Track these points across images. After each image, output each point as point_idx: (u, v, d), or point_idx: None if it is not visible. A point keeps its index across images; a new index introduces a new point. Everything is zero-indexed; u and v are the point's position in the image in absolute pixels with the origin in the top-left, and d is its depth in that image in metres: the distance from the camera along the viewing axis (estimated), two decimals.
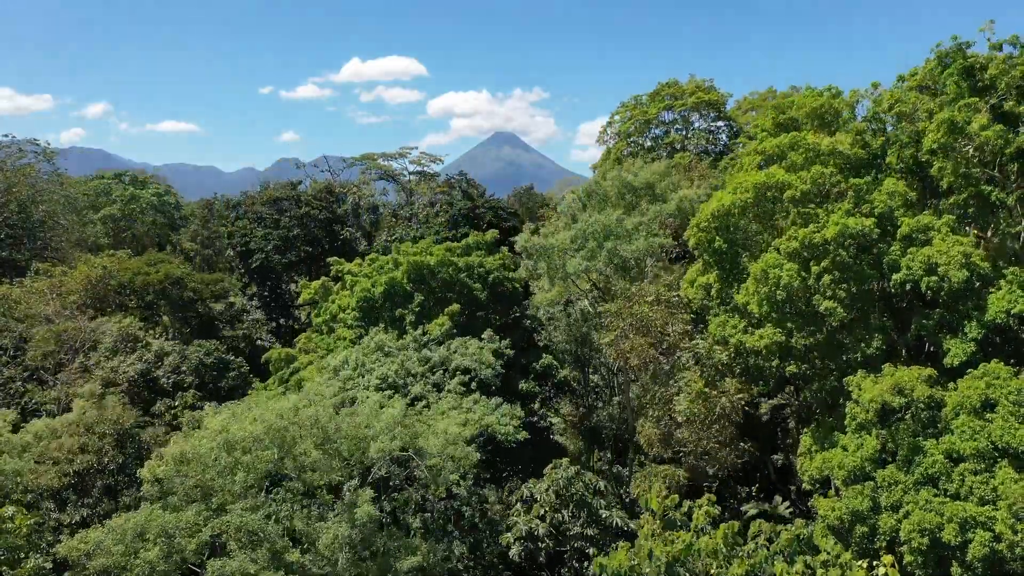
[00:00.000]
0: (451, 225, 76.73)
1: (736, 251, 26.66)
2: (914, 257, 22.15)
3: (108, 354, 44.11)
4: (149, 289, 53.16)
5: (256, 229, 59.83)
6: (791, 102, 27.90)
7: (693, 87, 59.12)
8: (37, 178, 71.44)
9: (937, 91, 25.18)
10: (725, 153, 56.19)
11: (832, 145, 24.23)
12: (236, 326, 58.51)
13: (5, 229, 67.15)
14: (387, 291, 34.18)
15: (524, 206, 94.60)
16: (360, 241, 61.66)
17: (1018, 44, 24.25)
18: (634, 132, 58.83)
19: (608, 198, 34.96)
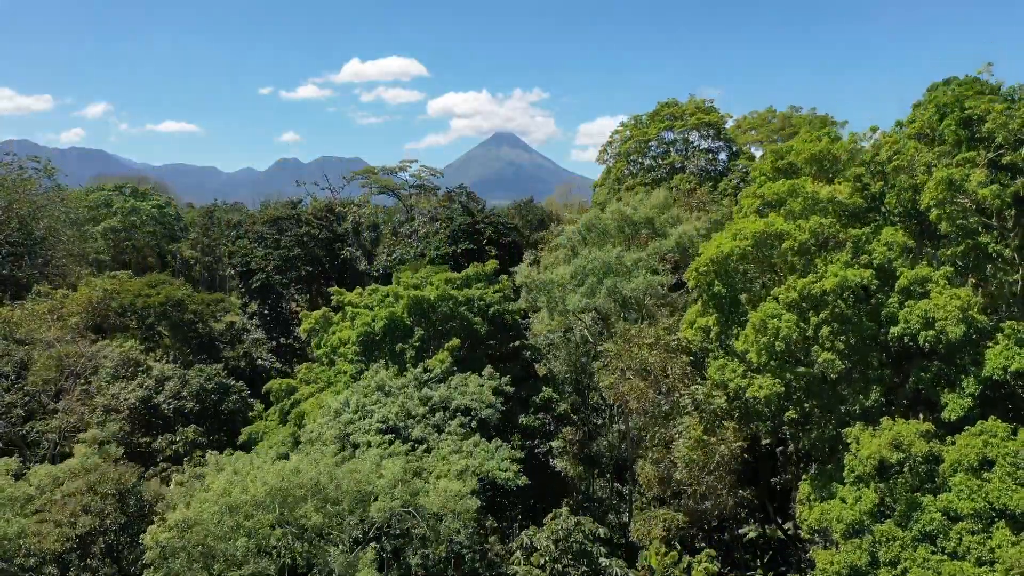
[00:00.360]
0: (451, 240, 76.91)
1: (735, 295, 26.77)
2: (912, 310, 22.26)
3: (109, 379, 44.27)
4: (150, 311, 53.28)
5: (256, 249, 59.92)
6: (790, 147, 27.96)
7: (693, 107, 59.24)
8: (37, 193, 71.49)
9: (935, 139, 25.27)
10: (724, 174, 56.34)
11: (831, 194, 24.34)
12: (236, 346, 58.64)
13: (6, 247, 67.20)
14: (387, 325, 34.29)
15: (524, 218, 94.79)
16: (360, 260, 61.76)
17: (1017, 96, 24.36)
18: (634, 152, 58.93)
19: (608, 232, 35.04)
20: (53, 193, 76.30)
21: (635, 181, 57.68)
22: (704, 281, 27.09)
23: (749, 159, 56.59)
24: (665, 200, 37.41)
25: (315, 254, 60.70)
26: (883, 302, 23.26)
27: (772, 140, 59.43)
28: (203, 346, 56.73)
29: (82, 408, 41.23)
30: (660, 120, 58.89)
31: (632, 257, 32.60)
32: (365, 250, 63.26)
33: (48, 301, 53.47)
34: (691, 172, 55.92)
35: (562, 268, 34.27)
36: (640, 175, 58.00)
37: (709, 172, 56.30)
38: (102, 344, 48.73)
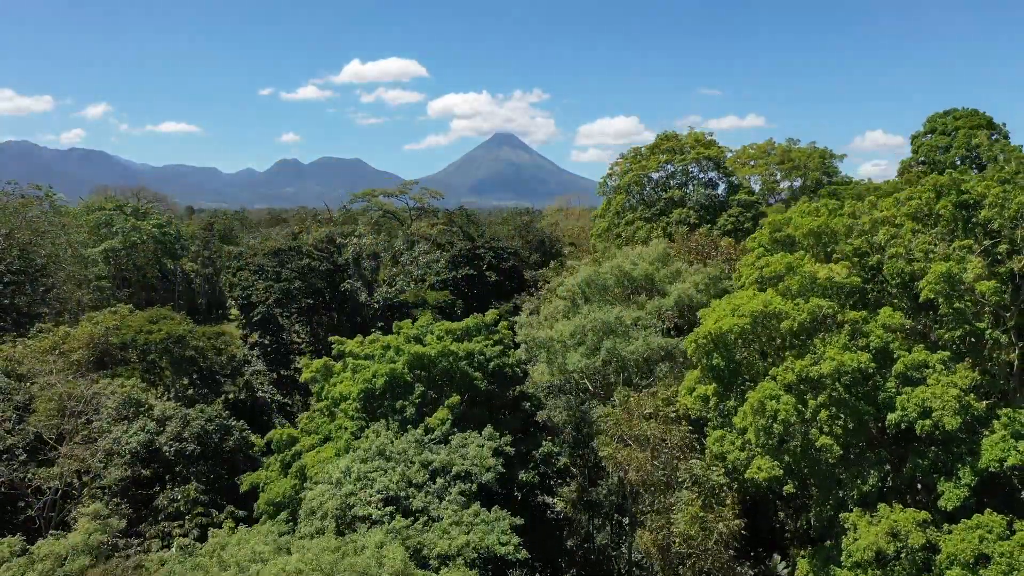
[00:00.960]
0: (451, 266, 77.28)
1: (734, 368, 26.94)
2: (909, 398, 22.44)
3: (111, 420, 44.49)
4: (152, 347, 53.47)
5: (257, 281, 60.09)
6: (788, 219, 28.12)
7: (692, 140, 59.50)
8: (39, 219, 71.62)
9: (933, 217, 25.43)
10: (724, 207, 56.58)
11: (828, 274, 24.49)
12: (237, 379, 58.89)
13: (7, 275, 67.37)
14: (388, 382, 34.49)
15: (523, 239, 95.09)
16: (361, 291, 61.93)
17: (1013, 181, 24.53)
18: (634, 185, 59.14)
19: (608, 287, 35.23)
20: (54, 217, 76.51)
21: (635, 216, 57.96)
22: (703, 351, 27.26)
23: (748, 193, 56.87)
24: (664, 252, 37.55)
25: (316, 286, 60.89)
26: (881, 385, 23.44)
27: (771, 174, 59.66)
28: (204, 379, 56.97)
29: (85, 452, 41.44)
30: (659, 153, 59.13)
31: (631, 316, 32.76)
32: (366, 280, 63.44)
33: (50, 337, 53.65)
34: (690, 207, 56.13)
35: (561, 324, 34.43)
36: (640, 209, 58.25)
37: (709, 206, 56.50)
38: (104, 382, 48.95)
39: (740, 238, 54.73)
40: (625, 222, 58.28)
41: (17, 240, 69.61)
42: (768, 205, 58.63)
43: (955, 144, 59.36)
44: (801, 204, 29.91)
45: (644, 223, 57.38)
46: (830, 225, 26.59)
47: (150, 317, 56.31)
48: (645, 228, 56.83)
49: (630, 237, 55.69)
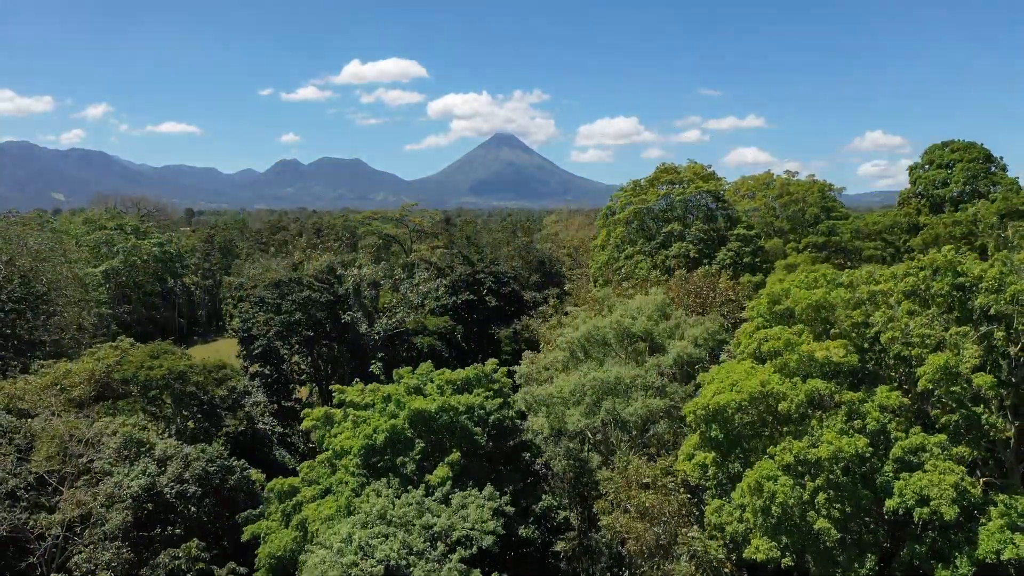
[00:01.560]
0: (452, 291, 77.51)
1: (733, 440, 27.13)
2: (907, 484, 22.62)
3: (112, 461, 44.73)
4: (153, 383, 53.60)
5: (258, 314, 60.24)
6: (787, 290, 28.27)
7: (691, 173, 59.71)
8: (40, 245, 71.77)
9: (929, 296, 25.59)
10: (723, 241, 56.79)
11: (826, 355, 24.66)
12: (237, 412, 59.03)
13: (9, 303, 67.51)
14: (389, 438, 34.68)
15: (524, 259, 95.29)
16: (361, 322, 62.07)
17: (1009, 262, 24.71)
18: (634, 219, 59.33)
19: (607, 341, 35.43)
20: (55, 244, 76.64)
21: (635, 250, 58.17)
22: (701, 421, 27.46)
23: (747, 228, 57.07)
24: (663, 303, 37.73)
25: (316, 317, 61.03)
26: (878, 468, 23.62)
27: (770, 208, 59.84)
28: (205, 414, 57.09)
29: (86, 496, 41.63)
30: (659, 186, 59.34)
31: (631, 374, 32.95)
32: (366, 311, 63.59)
33: (51, 373, 53.83)
34: (690, 241, 56.31)
35: (561, 379, 34.62)
36: (640, 243, 58.44)
37: (708, 240, 56.68)
38: (106, 420, 49.19)
39: (740, 272, 55.04)
40: (625, 255, 58.50)
41: (18, 267, 69.82)
42: (768, 239, 58.84)
43: (953, 178, 59.59)
44: (800, 272, 30.06)
45: (644, 257, 57.59)
46: (829, 299, 26.76)
47: (151, 352, 56.43)
48: (645, 262, 57.05)
49: (630, 272, 55.90)
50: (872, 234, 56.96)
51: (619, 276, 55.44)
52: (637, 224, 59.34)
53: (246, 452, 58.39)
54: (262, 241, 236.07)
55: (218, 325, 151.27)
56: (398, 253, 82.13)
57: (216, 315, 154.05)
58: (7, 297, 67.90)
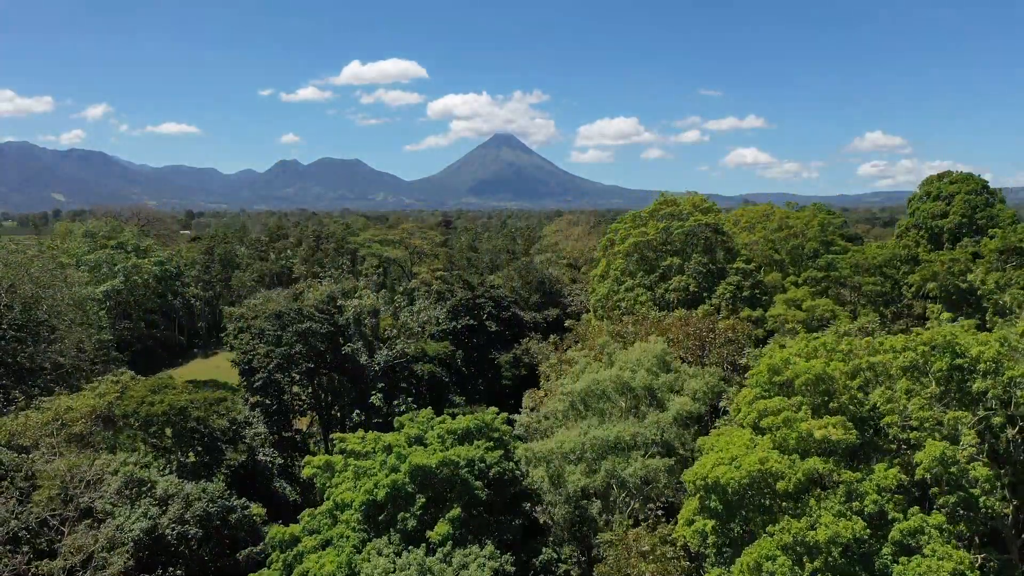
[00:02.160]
0: (452, 316, 77.66)
1: (732, 510, 27.28)
2: (906, 569, 22.76)
3: (114, 500, 44.96)
4: (154, 419, 53.75)
5: (259, 345, 60.37)
6: (785, 360, 28.40)
7: (691, 206, 59.86)
8: (41, 272, 71.82)
9: (927, 373, 25.74)
10: (723, 275, 56.94)
11: (824, 434, 24.80)
12: (238, 445, 59.21)
13: (10, 331, 67.57)
14: (390, 493, 34.86)
15: (523, 279, 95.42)
16: (362, 352, 62.20)
17: (1006, 342, 24.87)
18: (634, 252, 59.47)
19: (607, 394, 35.59)
20: (55, 268, 76.65)
21: (635, 283, 58.33)
22: (700, 490, 27.61)
23: (746, 261, 57.22)
24: (662, 353, 37.89)
25: (317, 348, 61.17)
26: (877, 551, 23.77)
27: (770, 241, 59.96)
28: (206, 447, 57.23)
29: (87, 539, 41.80)
30: (658, 219, 59.47)
31: (631, 431, 33.11)
32: (366, 341, 63.74)
33: (52, 409, 53.92)
34: (689, 275, 56.47)
35: (561, 434, 34.79)
36: (639, 276, 58.59)
37: (707, 273, 56.82)
38: (107, 458, 49.36)
39: (739, 306, 55.21)
40: (625, 288, 58.65)
41: (19, 295, 69.91)
42: (767, 272, 58.98)
43: (952, 210, 59.79)
44: (800, 340, 30.18)
45: (644, 290, 57.74)
46: (828, 372, 26.89)
47: (152, 386, 56.57)
48: (645, 295, 57.21)
49: (631, 306, 56.09)
50: (871, 268, 57.09)
51: (619, 311, 55.59)
52: (637, 256, 59.46)
53: (246, 484, 58.62)
54: (262, 250, 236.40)
55: (218, 337, 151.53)
56: (399, 275, 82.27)
57: (216, 327, 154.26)
58: (8, 324, 68.02)
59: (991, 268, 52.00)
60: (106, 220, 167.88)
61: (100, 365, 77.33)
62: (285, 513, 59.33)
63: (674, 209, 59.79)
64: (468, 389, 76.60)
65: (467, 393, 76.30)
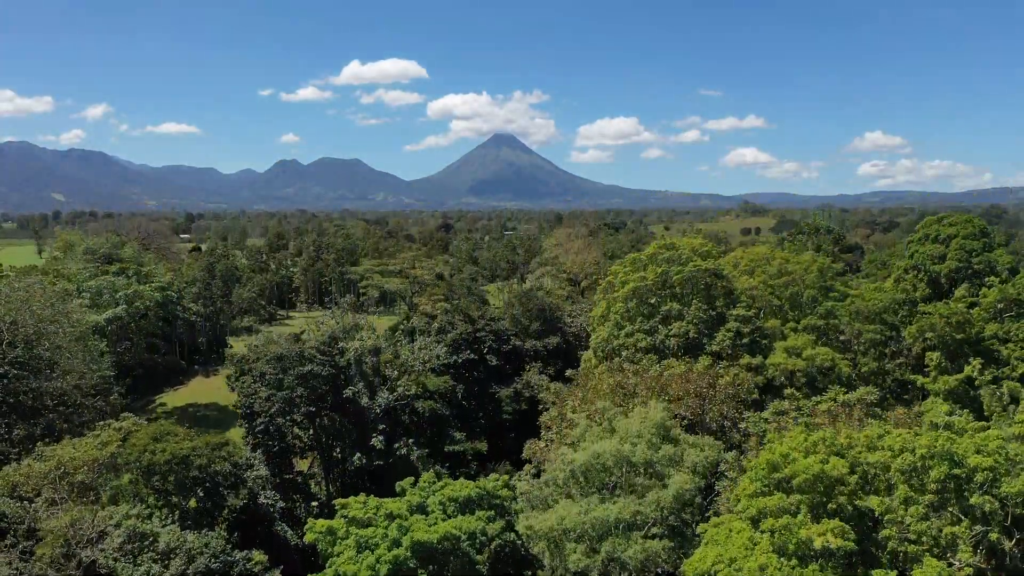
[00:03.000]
0: (453, 350, 77.95)
1: None
2: None
3: (116, 556, 45.33)
4: (156, 468, 54.00)
5: (260, 389, 60.65)
6: (785, 455, 28.62)
7: (690, 251, 60.16)
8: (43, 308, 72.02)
9: (926, 472, 25.98)
10: (722, 320, 57.21)
11: (823, 542, 25.04)
12: (240, 491, 59.47)
13: (12, 371, 67.82)
14: (392, 570, 35.16)
15: (524, 306, 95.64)
16: (363, 394, 62.47)
17: (1004, 452, 25.09)
18: (633, 297, 59.73)
19: (608, 468, 35.88)
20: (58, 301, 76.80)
21: (634, 328, 58.60)
22: None
23: (746, 308, 57.48)
24: (662, 421, 38.18)
25: (318, 391, 61.46)
26: None
27: (768, 286, 60.24)
28: (207, 492, 57.46)
29: None
30: (657, 264, 59.73)
31: (631, 510, 33.40)
32: (367, 381, 63.98)
33: (54, 459, 54.18)
34: (689, 321, 56.74)
35: (562, 509, 35.08)
36: (639, 320, 58.86)
37: (707, 320, 57.09)
38: (110, 510, 49.77)
39: (739, 353, 55.51)
40: (625, 333, 58.94)
41: (21, 333, 70.19)
42: (767, 318, 59.26)
43: (950, 254, 60.11)
44: (798, 433, 30.41)
45: (644, 336, 58.05)
46: (827, 471, 27.13)
47: (154, 433, 56.77)
48: (645, 341, 57.56)
49: (632, 355, 56.46)
50: (871, 315, 57.34)
51: (620, 359, 55.91)
52: (636, 301, 59.74)
53: (247, 528, 58.89)
54: (262, 261, 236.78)
55: (219, 352, 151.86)
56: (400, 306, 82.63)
57: (218, 342, 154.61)
58: (11, 362, 68.31)
59: (989, 319, 52.28)
60: (107, 236, 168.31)
61: (101, 399, 77.67)
62: (286, 557, 59.70)
63: (673, 253, 60.07)
64: (469, 423, 76.94)
65: (468, 428, 76.63)
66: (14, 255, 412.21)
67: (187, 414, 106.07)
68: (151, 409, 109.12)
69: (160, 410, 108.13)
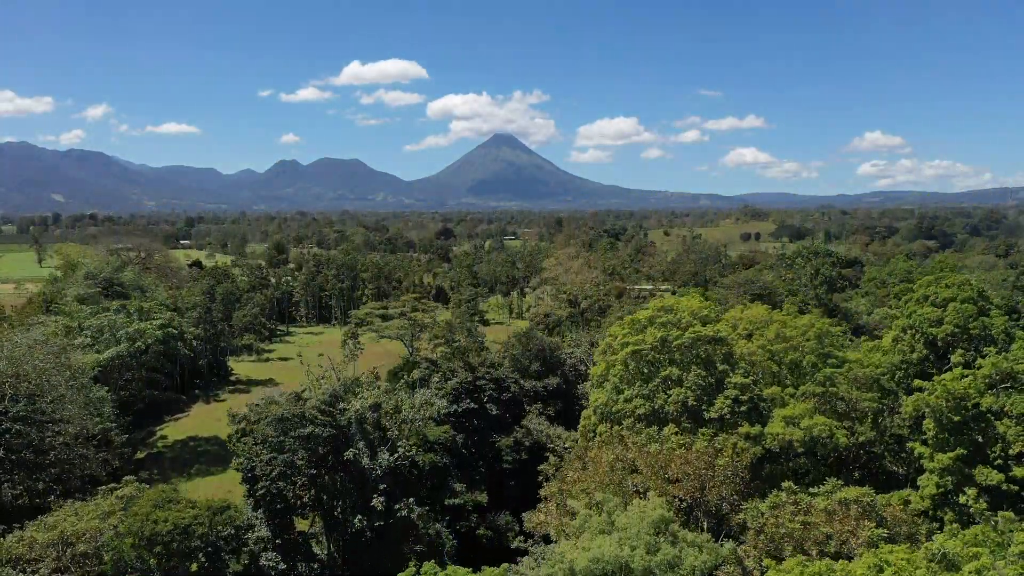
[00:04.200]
0: (453, 398, 78.32)
1: None
2: None
3: None
4: (158, 538, 54.35)
5: (262, 452, 60.93)
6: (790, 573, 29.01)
7: (689, 315, 60.47)
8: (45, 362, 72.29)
9: None
10: (721, 386, 57.55)
11: None
12: (240, 555, 59.90)
13: (14, 427, 68.15)
14: None
15: (524, 347, 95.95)
16: (363, 454, 62.74)
17: None
18: (631, 361, 60.08)
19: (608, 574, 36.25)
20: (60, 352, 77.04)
21: (632, 392, 58.96)
22: None
23: (744, 375, 57.83)
24: (660, 519, 38.56)
25: (320, 453, 61.76)
26: None
27: (767, 351, 60.60)
28: (208, 556, 57.85)
29: None
30: (656, 328, 60.03)
31: None
32: (368, 440, 64.27)
33: (56, 529, 54.54)
34: (688, 387, 57.09)
35: None
36: (638, 385, 59.21)
37: (705, 387, 57.43)
38: None
39: (738, 422, 55.88)
40: (624, 398, 59.31)
41: (23, 389, 70.53)
42: (766, 383, 59.64)
43: (946, 319, 60.50)
44: (795, 563, 30.79)
45: (643, 401, 58.44)
46: None
47: (155, 500, 57.18)
48: (644, 407, 57.94)
49: (631, 424, 56.86)
50: (869, 382, 57.74)
51: (620, 428, 56.35)
52: (634, 365, 60.10)
53: None
54: (262, 276, 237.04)
55: (220, 375, 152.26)
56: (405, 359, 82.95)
57: (218, 364, 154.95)
58: (12, 417, 68.64)
59: (984, 389, 52.62)
60: (107, 260, 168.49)
61: (104, 449, 78.03)
62: None
63: (672, 317, 60.37)
64: (469, 472, 77.29)
65: (468, 477, 77.01)
66: (14, 264, 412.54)
67: (188, 448, 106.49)
68: (152, 443, 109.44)
69: (161, 443, 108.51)
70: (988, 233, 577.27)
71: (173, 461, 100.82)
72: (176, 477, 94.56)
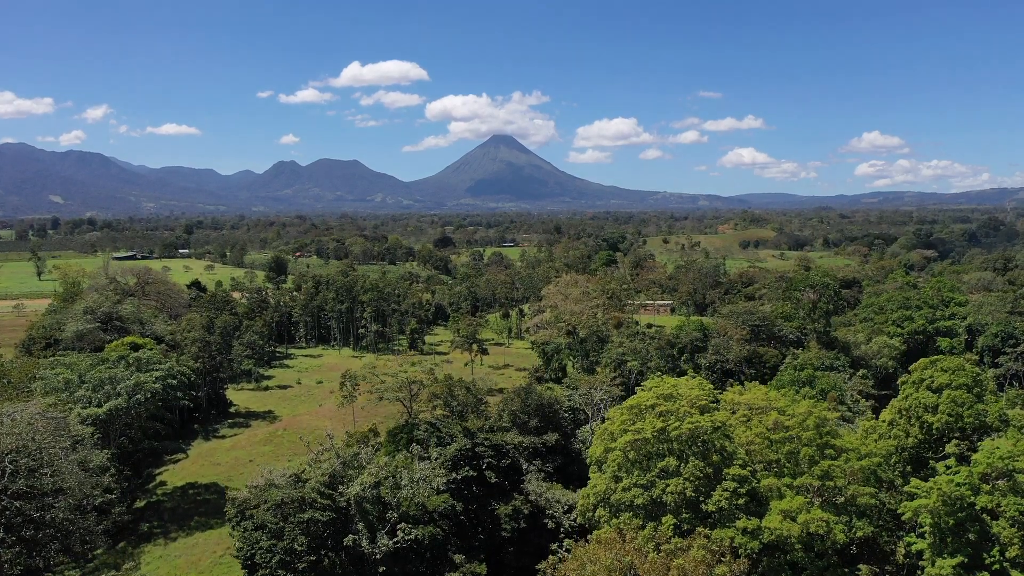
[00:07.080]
0: (452, 466, 78.55)
1: None
2: None
3: None
4: None
5: (261, 539, 61.20)
6: None
7: (688, 404, 60.79)
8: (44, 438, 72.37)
9: None
10: (719, 478, 57.87)
11: None
12: None
13: (14, 504, 68.30)
14: None
15: (524, 402, 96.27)
16: (363, 536, 63.04)
17: None
18: (631, 449, 60.38)
19: None
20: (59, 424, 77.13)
21: (630, 481, 59.29)
22: None
23: (742, 466, 58.16)
24: None
25: (320, 537, 62.02)
26: None
27: (765, 440, 60.92)
28: None
29: None
30: (655, 417, 60.33)
31: None
32: (368, 521, 64.55)
33: None
34: (686, 479, 57.40)
35: None
36: (636, 474, 59.52)
37: (703, 478, 57.73)
38: None
39: (736, 515, 56.22)
40: (622, 488, 59.62)
41: (23, 465, 70.66)
42: (764, 474, 59.97)
43: (941, 406, 60.98)
44: None
45: (641, 491, 58.76)
46: None
47: None
48: (642, 497, 58.29)
49: (628, 520, 57.17)
50: (866, 476, 58.10)
51: (617, 521, 56.69)
52: (634, 454, 60.40)
53: None
54: (262, 298, 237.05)
55: (219, 409, 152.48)
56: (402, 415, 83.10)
57: (217, 396, 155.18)
58: (13, 493, 68.77)
59: (979, 490, 52.97)
60: (106, 295, 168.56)
61: (104, 518, 78.28)
62: None
63: (671, 406, 60.69)
64: (468, 540, 77.50)
65: (467, 545, 77.23)
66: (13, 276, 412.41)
67: (187, 497, 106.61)
68: (151, 489, 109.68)
69: (160, 491, 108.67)
70: (986, 241, 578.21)
71: (172, 512, 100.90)
72: (176, 530, 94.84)
